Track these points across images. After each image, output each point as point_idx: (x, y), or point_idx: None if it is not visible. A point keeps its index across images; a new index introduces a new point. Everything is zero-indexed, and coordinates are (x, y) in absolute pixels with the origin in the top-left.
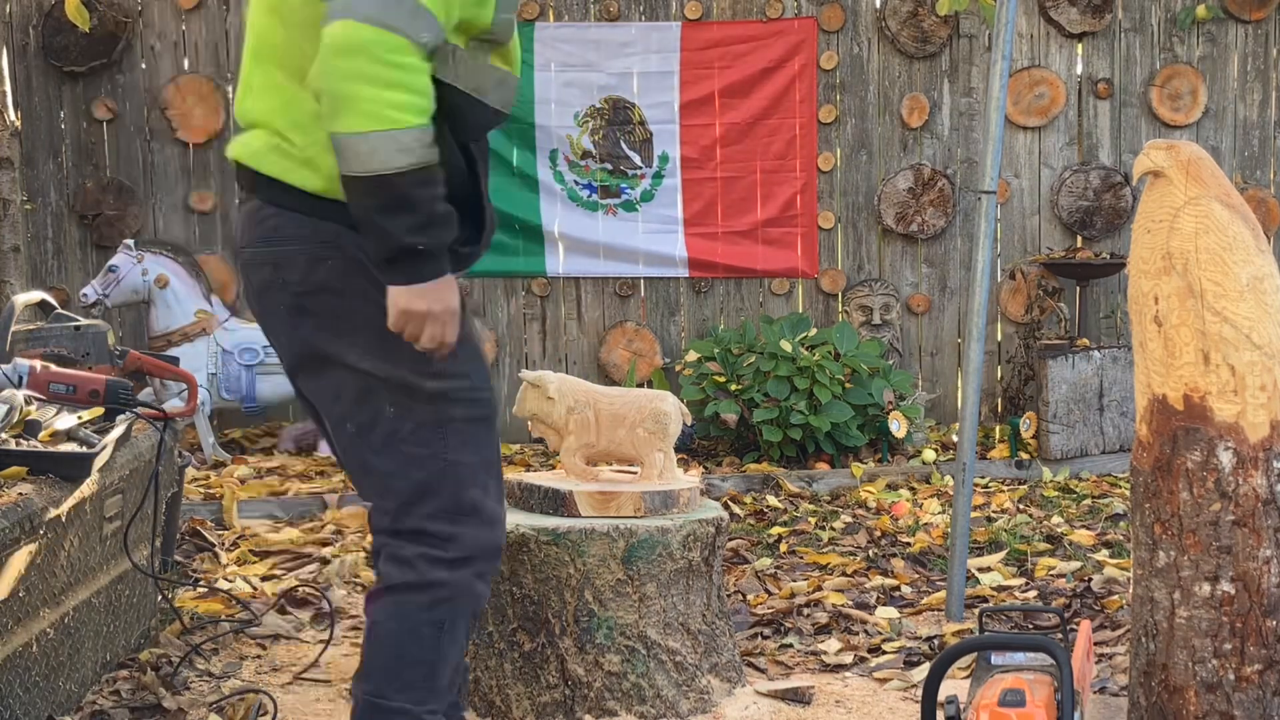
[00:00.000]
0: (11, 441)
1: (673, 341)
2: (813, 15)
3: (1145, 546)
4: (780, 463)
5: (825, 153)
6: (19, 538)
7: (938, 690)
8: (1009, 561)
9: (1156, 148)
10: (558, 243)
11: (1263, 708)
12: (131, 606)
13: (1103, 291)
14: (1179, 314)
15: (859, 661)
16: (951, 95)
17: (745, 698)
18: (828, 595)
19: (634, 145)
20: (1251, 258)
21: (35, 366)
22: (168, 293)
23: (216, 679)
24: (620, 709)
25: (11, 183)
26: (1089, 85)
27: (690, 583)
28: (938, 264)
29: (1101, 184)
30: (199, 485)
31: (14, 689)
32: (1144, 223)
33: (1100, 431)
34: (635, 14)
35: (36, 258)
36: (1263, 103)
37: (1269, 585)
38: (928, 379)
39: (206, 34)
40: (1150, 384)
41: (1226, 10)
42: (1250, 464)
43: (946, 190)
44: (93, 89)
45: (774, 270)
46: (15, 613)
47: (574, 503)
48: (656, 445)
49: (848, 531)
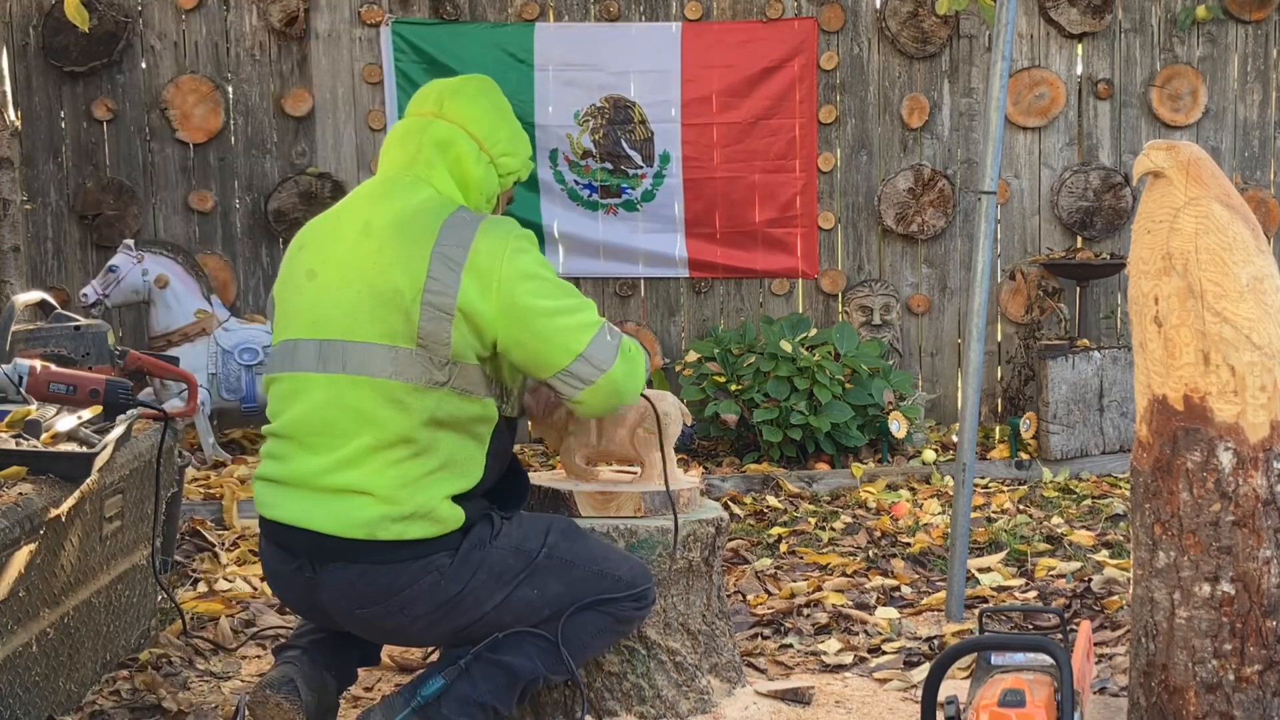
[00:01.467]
0: (11, 441)
1: (673, 342)
2: (813, 15)
3: (1145, 547)
4: (780, 463)
5: (825, 153)
6: (19, 538)
7: (938, 690)
8: (1009, 562)
9: (1156, 148)
10: (558, 243)
11: (1263, 708)
12: (131, 606)
13: (1103, 292)
14: (1179, 314)
15: (859, 661)
16: (951, 95)
17: (745, 698)
18: (828, 595)
19: (635, 145)
20: (1251, 258)
21: (35, 366)
22: (168, 293)
23: (217, 679)
24: (620, 709)
25: (11, 183)
26: (1089, 86)
27: (690, 583)
28: (938, 264)
29: (1101, 184)
30: (199, 485)
31: (14, 689)
32: (1144, 223)
33: (1100, 432)
34: (635, 14)
35: (36, 258)
36: (1263, 103)
37: (1269, 586)
38: (928, 379)
39: (206, 34)
40: (1150, 384)
41: (1226, 11)
42: (1250, 464)
43: (946, 190)
44: (93, 89)
45: (774, 270)
46: (15, 613)
47: (574, 503)
48: (656, 445)
49: (848, 532)
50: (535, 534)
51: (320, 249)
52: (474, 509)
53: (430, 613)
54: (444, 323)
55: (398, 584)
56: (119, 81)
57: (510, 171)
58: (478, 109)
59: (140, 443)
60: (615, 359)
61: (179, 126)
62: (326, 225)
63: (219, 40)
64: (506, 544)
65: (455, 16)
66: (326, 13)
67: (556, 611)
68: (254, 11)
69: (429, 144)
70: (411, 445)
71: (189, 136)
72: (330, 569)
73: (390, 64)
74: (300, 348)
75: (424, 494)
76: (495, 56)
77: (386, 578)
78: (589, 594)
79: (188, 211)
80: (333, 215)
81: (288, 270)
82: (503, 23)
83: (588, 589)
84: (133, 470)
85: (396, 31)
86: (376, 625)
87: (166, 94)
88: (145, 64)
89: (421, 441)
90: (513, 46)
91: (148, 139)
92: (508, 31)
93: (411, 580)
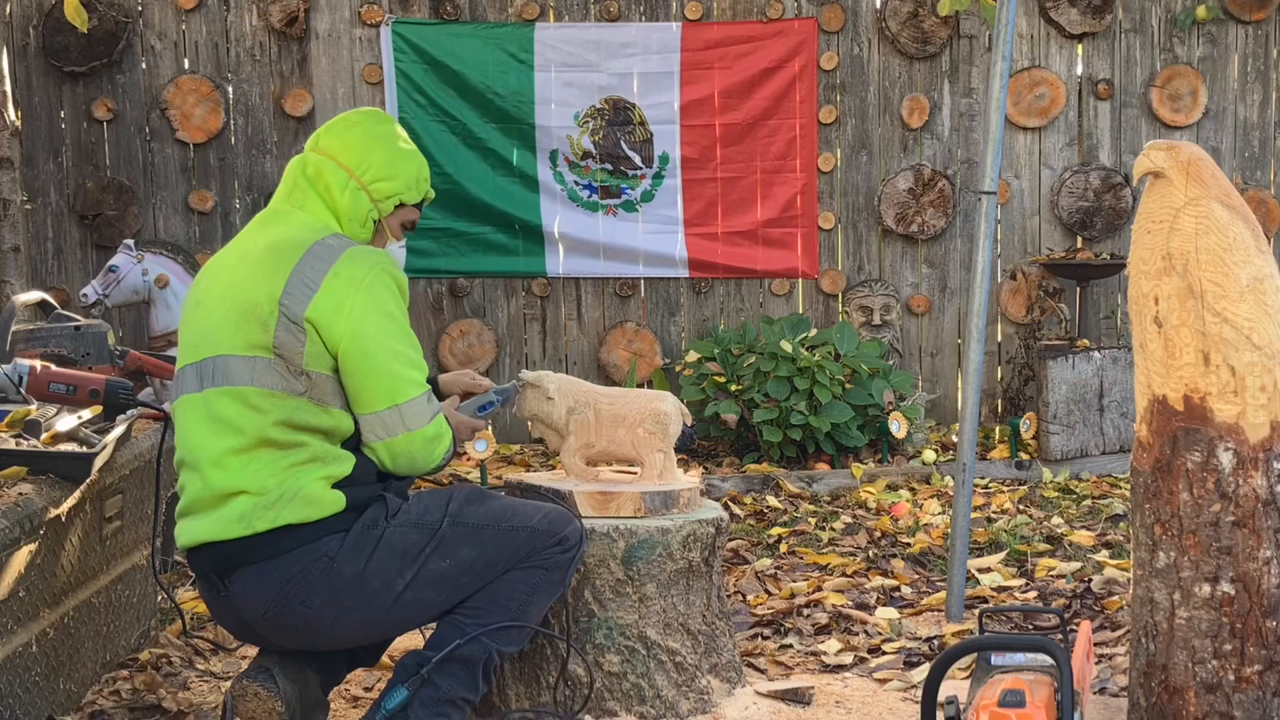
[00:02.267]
0: (11, 441)
1: (673, 342)
2: (813, 16)
3: (1145, 547)
4: (780, 463)
5: (825, 153)
6: (19, 538)
7: (938, 690)
8: (1009, 562)
9: (1157, 148)
10: (558, 243)
11: (1263, 708)
12: (131, 606)
13: (1103, 292)
14: (1179, 315)
15: (859, 662)
16: (952, 96)
17: (745, 698)
18: (828, 596)
19: (634, 145)
20: (1251, 258)
21: (35, 366)
22: (168, 293)
23: (217, 679)
24: (620, 709)
25: (11, 183)
26: (1089, 86)
27: (690, 583)
28: (938, 264)
29: (1102, 185)
30: None
31: (14, 689)
32: (1144, 223)
33: (1100, 432)
34: (635, 14)
35: (36, 258)
36: (1263, 103)
37: (1269, 586)
38: (928, 379)
39: (206, 34)
40: (1150, 385)
41: (1226, 11)
42: (1250, 465)
43: (947, 191)
44: (93, 89)
45: (774, 271)
46: (15, 613)
47: (574, 503)
48: (656, 445)
49: (848, 532)
50: (436, 506)
51: (206, 279)
52: (360, 493)
53: (331, 601)
54: (297, 332)
55: (289, 574)
56: (119, 81)
57: (388, 195)
58: (349, 138)
59: (140, 443)
60: (427, 424)
61: (179, 126)
62: (216, 258)
63: (219, 40)
64: (406, 520)
65: (455, 16)
66: (326, 13)
67: (478, 578)
68: (254, 11)
69: (302, 177)
70: (273, 445)
71: (189, 136)
72: (233, 580)
73: (390, 64)
74: (185, 374)
75: (293, 479)
76: (495, 56)
77: (278, 570)
78: (506, 553)
79: (188, 211)
80: (224, 249)
81: (184, 306)
82: (503, 23)
83: (503, 548)
84: (133, 470)
85: (397, 31)
86: (287, 626)
87: (166, 94)
88: (145, 64)
89: (282, 441)
90: (513, 46)
91: (148, 139)
92: (508, 31)
93: (302, 568)
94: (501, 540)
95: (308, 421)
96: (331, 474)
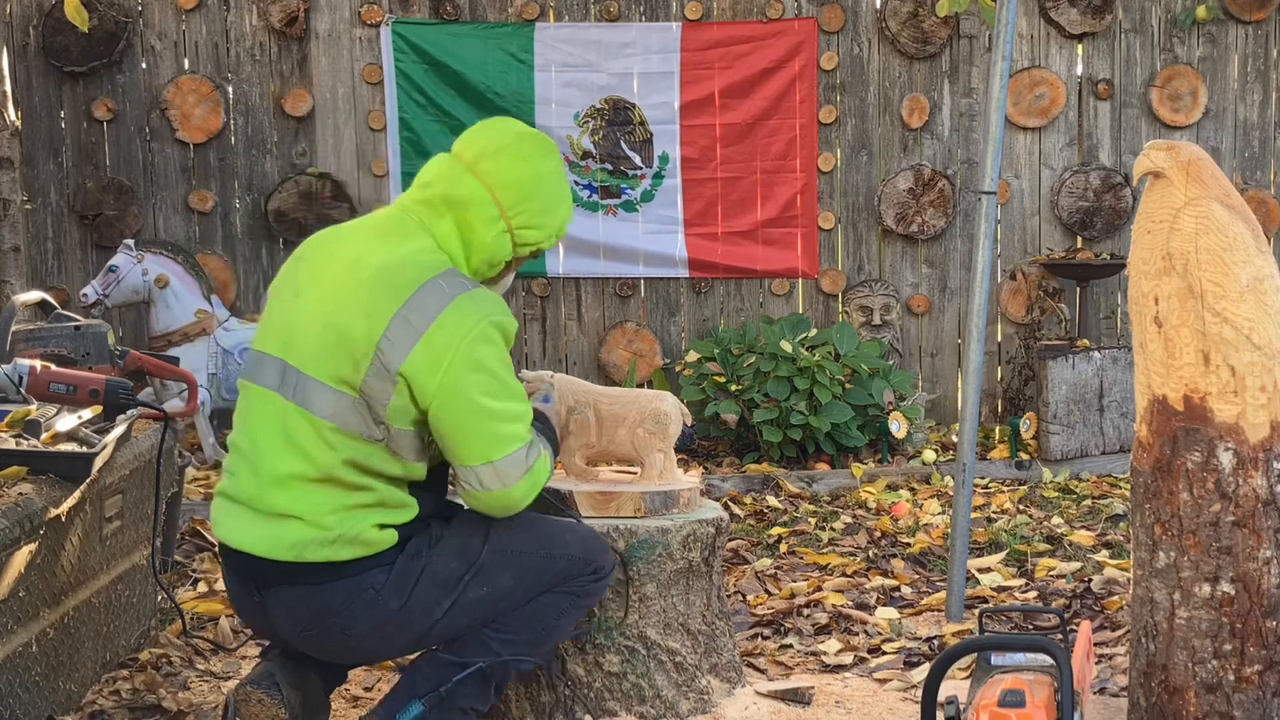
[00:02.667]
0: (11, 441)
1: (673, 342)
2: (813, 16)
3: (1145, 547)
4: (780, 463)
5: (825, 153)
6: (19, 538)
7: (938, 690)
8: (1009, 562)
9: (1157, 148)
10: (558, 243)
11: (1263, 709)
12: (131, 606)
13: (1103, 292)
14: (1179, 315)
15: (859, 662)
16: (952, 96)
17: (745, 698)
18: (828, 596)
19: (634, 145)
20: (1251, 258)
21: (35, 366)
22: (168, 293)
23: (217, 679)
24: (620, 709)
25: (11, 183)
26: (1089, 86)
27: (690, 583)
28: (938, 264)
29: (1102, 185)
30: (199, 485)
31: (14, 689)
32: (1144, 223)
33: (1100, 432)
34: (635, 14)
35: (36, 258)
36: (1263, 103)
37: (1269, 586)
38: (928, 379)
39: (206, 34)
40: (1150, 385)
41: (1227, 11)
42: (1250, 465)
43: (947, 191)
44: (93, 89)
45: (774, 271)
46: (15, 613)
47: (574, 503)
48: (656, 445)
49: (848, 532)
50: (476, 532)
51: (312, 269)
52: (411, 528)
53: (374, 630)
54: (386, 382)
55: (333, 604)
56: (119, 81)
57: (529, 244)
58: (516, 174)
59: (140, 443)
60: (521, 479)
61: (179, 126)
62: (326, 245)
63: (219, 40)
64: (447, 550)
65: (455, 16)
66: (326, 13)
67: (514, 604)
68: (254, 11)
69: (447, 195)
70: (339, 484)
71: (189, 136)
72: (272, 593)
73: (390, 64)
74: (268, 363)
75: (352, 522)
76: (495, 56)
77: (321, 599)
78: (543, 580)
79: (188, 211)
80: (335, 235)
81: (282, 278)
82: (503, 23)
83: (540, 575)
84: (133, 470)
85: (396, 31)
86: (324, 647)
87: (166, 94)
88: (145, 64)
89: (349, 482)
90: (513, 46)
91: (148, 139)
92: (508, 31)
93: (347, 600)
94: (540, 568)
95: (379, 468)
96: (392, 520)
